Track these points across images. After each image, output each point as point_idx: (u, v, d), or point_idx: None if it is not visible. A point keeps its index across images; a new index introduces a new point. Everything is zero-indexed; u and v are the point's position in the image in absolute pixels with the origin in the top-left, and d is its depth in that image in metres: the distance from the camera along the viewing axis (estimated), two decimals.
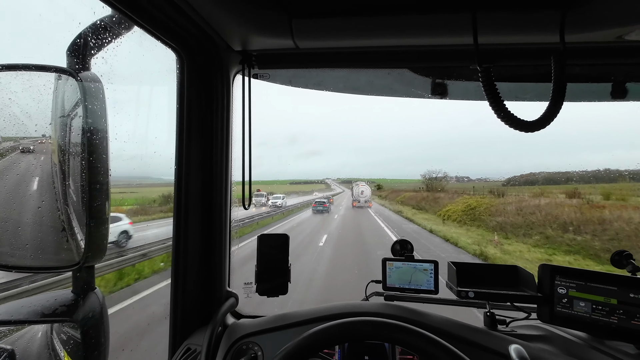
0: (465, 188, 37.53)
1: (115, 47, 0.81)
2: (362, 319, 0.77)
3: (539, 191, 23.05)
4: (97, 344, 0.77)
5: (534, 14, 0.87)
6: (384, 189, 74.22)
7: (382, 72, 1.27)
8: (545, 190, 23.18)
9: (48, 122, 0.80)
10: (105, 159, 0.73)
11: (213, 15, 0.92)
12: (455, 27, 0.92)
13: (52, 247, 0.81)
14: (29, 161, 0.83)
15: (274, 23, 0.95)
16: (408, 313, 1.11)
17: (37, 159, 0.83)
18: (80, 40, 0.75)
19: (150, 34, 0.90)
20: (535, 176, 40.56)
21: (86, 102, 0.71)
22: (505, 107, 0.88)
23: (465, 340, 1.02)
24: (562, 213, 15.59)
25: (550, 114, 0.86)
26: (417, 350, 0.73)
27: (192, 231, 1.15)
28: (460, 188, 38.12)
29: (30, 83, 0.76)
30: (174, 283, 1.15)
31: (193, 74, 1.10)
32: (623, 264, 1.09)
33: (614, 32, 0.90)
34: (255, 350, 1.08)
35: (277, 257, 1.18)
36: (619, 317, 0.97)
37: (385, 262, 1.24)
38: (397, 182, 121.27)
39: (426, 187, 41.44)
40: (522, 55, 1.04)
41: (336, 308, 1.16)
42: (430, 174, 44.57)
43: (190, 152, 1.13)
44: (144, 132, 2.13)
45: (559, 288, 1.05)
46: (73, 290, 0.79)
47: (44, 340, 0.99)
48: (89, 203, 0.70)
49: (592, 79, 1.21)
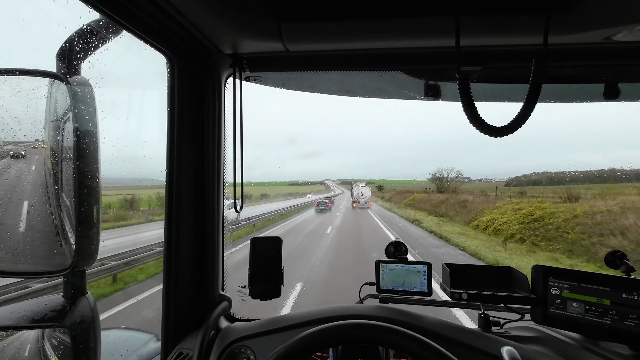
0: (477, 188, 34.41)
1: (104, 51, 0.81)
2: (353, 322, 0.77)
3: (599, 191, 16.04)
4: (87, 349, 0.76)
5: (518, 17, 0.87)
6: (385, 189, 71.22)
7: (374, 74, 1.27)
8: (609, 191, 15.92)
9: (37, 127, 0.80)
10: (94, 163, 0.72)
11: (202, 19, 0.92)
12: (441, 31, 0.93)
13: (43, 252, 0.80)
14: (19, 166, 0.82)
15: (263, 27, 0.95)
16: (402, 315, 1.11)
17: (28, 163, 0.82)
18: (67, 45, 0.75)
19: (139, 38, 0.90)
20: (539, 176, 39.82)
21: (75, 106, 0.71)
22: (476, 112, 0.89)
23: (458, 342, 1.02)
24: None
25: (521, 118, 0.86)
26: (407, 352, 0.73)
27: (184, 234, 1.14)
28: (474, 188, 35.24)
29: (19, 88, 0.75)
30: (166, 286, 1.14)
31: (184, 77, 1.10)
32: (617, 264, 1.09)
33: (602, 34, 0.90)
34: (248, 354, 1.07)
35: (270, 260, 1.18)
36: (612, 318, 0.96)
37: (379, 264, 1.24)
38: (397, 183, 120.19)
39: (437, 188, 38.58)
40: (507, 57, 1.05)
41: (330, 311, 1.15)
42: (441, 173, 40.04)
43: (182, 155, 1.12)
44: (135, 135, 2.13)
45: (552, 289, 1.04)
46: (64, 295, 0.79)
47: (35, 345, 0.99)
48: (77, 207, 0.70)
49: (584, 79, 1.22)
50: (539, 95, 0.86)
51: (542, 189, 24.39)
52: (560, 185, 22.71)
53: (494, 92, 1.33)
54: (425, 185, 44.95)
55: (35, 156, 0.83)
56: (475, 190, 31.06)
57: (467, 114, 0.89)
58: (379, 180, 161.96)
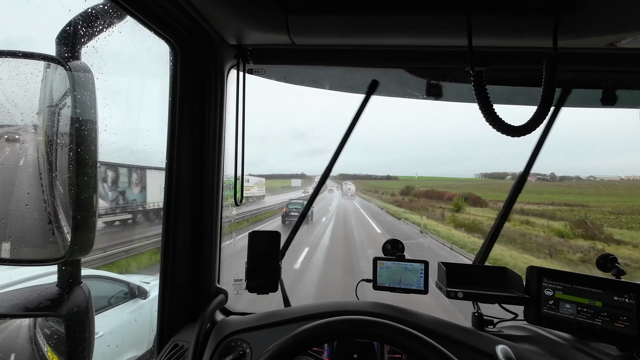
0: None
1: (107, 36, 0.79)
2: (346, 318, 0.77)
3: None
4: (82, 339, 0.75)
5: (528, 19, 0.88)
6: (416, 188, 52.31)
7: (377, 72, 1.27)
8: None
9: (35, 111, 0.78)
10: (94, 151, 0.71)
11: (208, 8, 0.91)
12: (450, 29, 0.93)
13: (37, 240, 0.79)
14: (13, 151, 0.80)
15: (269, 18, 0.94)
16: (396, 312, 1.12)
17: (22, 148, 0.80)
18: (70, 28, 0.73)
19: (143, 24, 0.88)
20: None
21: (75, 91, 0.69)
22: (494, 111, 0.89)
23: (452, 339, 1.03)
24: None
25: (538, 119, 0.88)
26: (395, 344, 0.74)
27: (182, 226, 1.13)
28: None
29: (17, 71, 0.73)
30: (163, 278, 1.13)
31: (187, 66, 1.08)
32: (608, 267, 1.11)
33: (605, 40, 0.91)
34: (244, 348, 1.07)
35: (268, 254, 1.18)
36: (603, 319, 0.99)
37: (377, 261, 1.24)
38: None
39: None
40: (515, 59, 1.05)
41: (326, 306, 1.16)
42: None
43: (182, 146, 1.11)
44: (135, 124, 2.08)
45: (546, 290, 1.06)
46: (58, 284, 0.78)
47: (27, 334, 0.97)
48: (76, 195, 0.68)
49: (583, 84, 1.23)
50: (553, 96, 0.87)
51: None
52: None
53: (494, 94, 1.34)
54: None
55: (30, 141, 0.81)
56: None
57: (484, 113, 0.89)
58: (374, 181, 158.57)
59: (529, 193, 34.50)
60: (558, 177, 46.51)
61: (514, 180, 1.39)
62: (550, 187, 32.64)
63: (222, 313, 1.28)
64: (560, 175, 48.68)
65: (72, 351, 0.74)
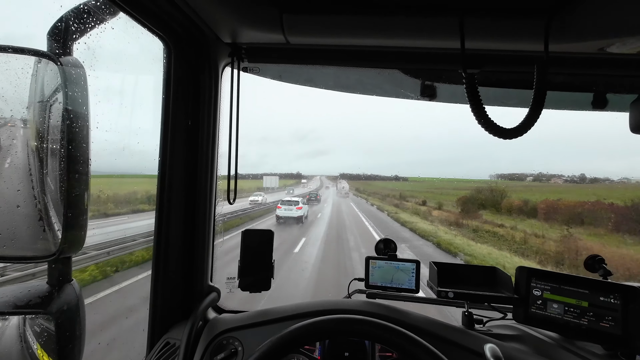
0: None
1: (99, 32, 0.78)
2: (336, 317, 0.78)
3: None
4: (72, 337, 0.75)
5: (520, 22, 0.89)
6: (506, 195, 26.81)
7: (372, 72, 1.27)
8: None
9: (25, 107, 0.77)
10: (86, 148, 0.70)
11: (203, 5, 0.90)
12: (444, 31, 0.93)
13: (27, 237, 0.78)
14: (3, 146, 0.79)
15: (264, 17, 0.94)
16: (388, 311, 1.13)
17: (12, 144, 0.79)
18: (62, 24, 0.72)
19: (136, 21, 0.87)
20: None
21: (67, 88, 0.68)
22: (485, 113, 0.90)
23: (442, 338, 1.04)
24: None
25: (529, 121, 0.88)
26: (380, 340, 0.76)
27: (175, 224, 1.13)
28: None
29: (7, 66, 0.72)
30: (155, 276, 1.13)
31: (180, 64, 1.08)
32: (595, 268, 1.14)
33: (595, 44, 0.92)
34: (236, 346, 1.07)
35: (261, 252, 1.18)
36: (589, 319, 1.01)
37: (369, 260, 1.25)
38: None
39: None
40: (507, 61, 1.06)
41: (319, 305, 1.16)
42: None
43: (175, 144, 1.11)
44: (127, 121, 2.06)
45: (535, 290, 1.08)
46: (48, 282, 0.77)
47: (16, 332, 0.96)
48: (67, 193, 0.68)
49: (574, 88, 1.24)
50: (544, 99, 0.88)
51: None
52: None
53: (487, 96, 1.35)
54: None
55: (20, 137, 0.80)
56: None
57: (476, 115, 0.89)
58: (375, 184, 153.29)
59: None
60: (588, 179, 45.53)
61: (537, 181, 1.37)
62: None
63: (214, 311, 1.28)
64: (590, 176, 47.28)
65: (62, 349, 0.73)
